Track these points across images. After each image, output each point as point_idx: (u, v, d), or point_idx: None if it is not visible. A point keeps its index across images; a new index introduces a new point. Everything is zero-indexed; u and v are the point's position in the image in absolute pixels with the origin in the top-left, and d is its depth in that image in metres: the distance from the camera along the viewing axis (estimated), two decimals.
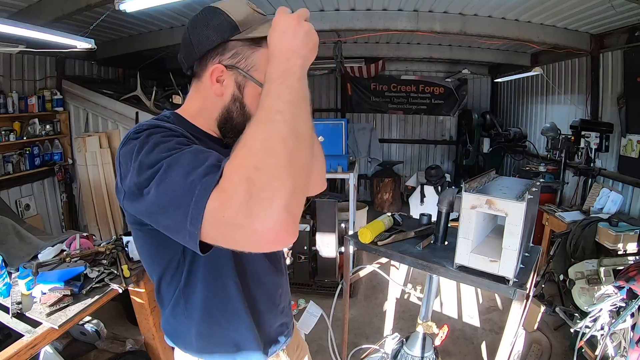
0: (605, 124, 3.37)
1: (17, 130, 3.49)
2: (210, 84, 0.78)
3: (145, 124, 0.70)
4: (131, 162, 0.63)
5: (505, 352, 1.34)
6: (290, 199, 0.51)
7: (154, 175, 0.58)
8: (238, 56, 0.77)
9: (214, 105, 0.81)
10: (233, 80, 0.78)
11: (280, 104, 0.58)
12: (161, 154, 0.60)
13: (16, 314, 1.45)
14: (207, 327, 0.87)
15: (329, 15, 3.36)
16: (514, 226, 1.14)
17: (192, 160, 0.58)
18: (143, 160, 0.61)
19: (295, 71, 0.63)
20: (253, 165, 0.52)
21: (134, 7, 2.09)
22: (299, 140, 0.56)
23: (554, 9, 2.95)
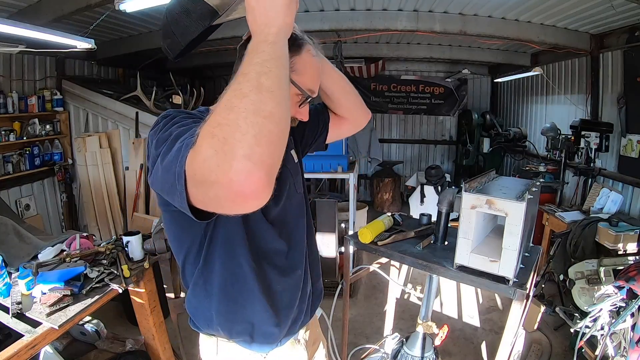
0: (605, 124, 3.37)
1: (17, 130, 3.49)
2: None
3: (174, 110, 0.74)
4: (153, 140, 0.69)
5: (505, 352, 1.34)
6: (253, 149, 0.51)
7: (164, 148, 0.63)
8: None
9: None
10: None
11: (246, 67, 0.59)
12: (174, 129, 0.65)
13: (16, 314, 1.44)
14: (225, 305, 0.90)
15: (329, 15, 3.36)
16: (514, 226, 1.14)
17: (190, 130, 0.62)
18: (160, 136, 0.67)
19: (268, 39, 0.63)
20: (217, 122, 0.54)
21: (134, 7, 2.08)
22: (261, 92, 0.55)
23: (554, 9, 2.95)
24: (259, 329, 0.92)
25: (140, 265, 1.86)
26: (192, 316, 0.97)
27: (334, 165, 3.64)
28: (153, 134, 0.70)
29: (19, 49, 2.59)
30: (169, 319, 2.10)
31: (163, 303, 2.04)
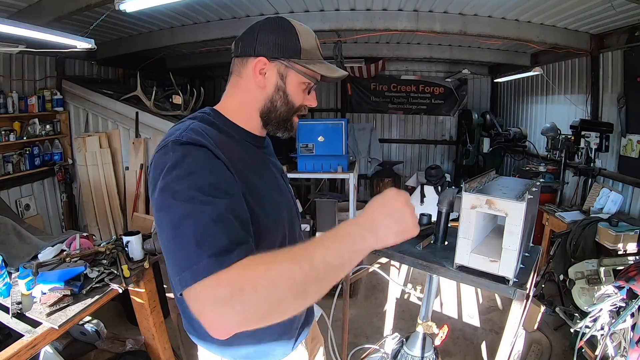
0: (605, 124, 3.37)
1: (17, 130, 3.49)
2: (254, 77, 0.84)
3: (186, 135, 0.72)
4: (160, 175, 0.67)
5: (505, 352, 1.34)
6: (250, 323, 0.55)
7: (171, 211, 0.63)
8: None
9: (255, 98, 0.86)
10: (275, 71, 0.83)
11: (318, 262, 0.58)
12: (186, 192, 0.64)
13: (16, 314, 1.45)
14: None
15: (329, 15, 3.36)
16: (514, 226, 1.14)
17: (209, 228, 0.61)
18: (169, 184, 0.65)
19: (358, 248, 0.62)
20: (253, 285, 0.54)
21: (134, 7, 2.09)
22: (298, 296, 0.57)
23: (554, 9, 2.95)
24: (266, 341, 0.93)
25: (140, 265, 1.86)
26: (195, 335, 0.95)
27: (334, 165, 3.64)
28: (160, 164, 0.69)
29: (19, 49, 2.59)
30: (169, 319, 2.10)
31: (163, 303, 2.05)
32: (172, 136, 0.73)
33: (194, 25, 3.68)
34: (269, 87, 0.84)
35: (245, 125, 0.88)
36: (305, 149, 3.69)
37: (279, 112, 0.87)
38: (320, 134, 3.66)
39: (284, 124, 0.89)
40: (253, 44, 0.82)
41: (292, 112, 0.88)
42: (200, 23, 3.65)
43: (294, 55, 0.82)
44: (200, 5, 3.11)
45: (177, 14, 3.38)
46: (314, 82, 0.87)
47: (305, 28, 0.85)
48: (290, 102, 0.86)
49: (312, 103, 0.91)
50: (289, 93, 0.85)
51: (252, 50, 0.83)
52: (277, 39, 0.81)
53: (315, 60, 0.86)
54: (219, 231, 0.61)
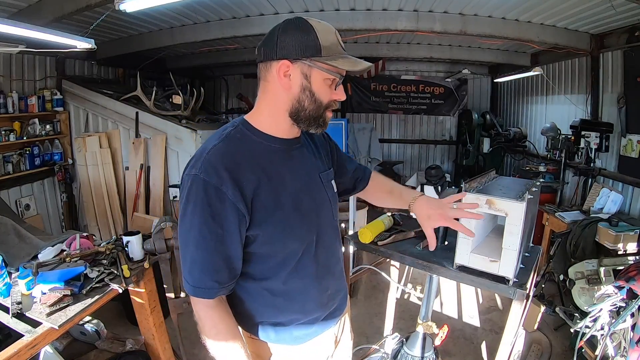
0: (605, 124, 3.37)
1: (17, 130, 3.48)
2: (279, 79, 0.87)
3: (203, 170, 0.84)
4: (182, 197, 0.88)
5: (505, 352, 1.34)
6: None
7: (182, 233, 0.89)
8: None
9: (283, 100, 0.90)
10: (299, 71, 0.86)
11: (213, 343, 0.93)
12: (192, 229, 0.86)
13: (16, 314, 1.44)
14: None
15: (329, 15, 3.35)
16: (514, 226, 1.14)
17: (197, 266, 0.87)
18: (185, 214, 0.86)
19: None
20: (204, 329, 0.92)
21: (134, 7, 2.08)
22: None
23: (554, 9, 2.95)
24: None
25: (140, 265, 1.86)
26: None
27: None
28: (181, 190, 0.90)
29: (19, 49, 2.59)
30: (169, 319, 2.10)
31: (163, 303, 2.04)
32: (196, 167, 0.85)
33: (194, 25, 3.68)
34: (295, 87, 0.88)
35: (274, 132, 0.93)
36: None
37: (307, 110, 0.90)
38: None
39: (315, 120, 0.93)
40: (274, 48, 0.85)
41: (322, 109, 0.92)
42: (200, 23, 3.65)
43: (315, 54, 0.84)
44: (200, 5, 3.11)
45: (177, 14, 3.38)
46: (338, 77, 0.90)
47: (324, 25, 0.87)
48: (317, 99, 0.89)
49: (341, 97, 0.94)
50: (315, 91, 0.88)
51: (274, 54, 0.86)
52: (297, 40, 0.84)
53: (337, 55, 0.87)
54: (201, 271, 0.87)
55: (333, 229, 1.08)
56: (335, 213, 1.10)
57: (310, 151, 1.05)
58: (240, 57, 5.12)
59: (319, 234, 1.00)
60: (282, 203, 0.91)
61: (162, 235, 1.93)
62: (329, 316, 1.09)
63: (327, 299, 1.06)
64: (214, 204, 0.83)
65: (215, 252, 0.85)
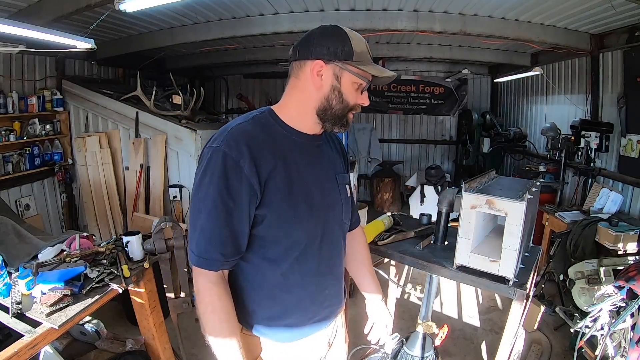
0: (605, 124, 3.37)
1: (17, 130, 3.48)
2: (312, 78, 0.93)
3: (225, 142, 0.88)
4: (200, 170, 0.90)
5: (505, 352, 1.34)
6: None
7: (195, 203, 0.91)
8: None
9: (312, 97, 0.95)
10: (331, 72, 0.92)
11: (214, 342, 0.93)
12: (205, 199, 0.88)
13: (16, 314, 1.44)
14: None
15: (329, 15, 3.35)
16: (514, 226, 1.14)
17: (206, 237, 0.90)
18: (201, 185, 0.89)
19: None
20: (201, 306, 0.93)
21: (134, 7, 2.08)
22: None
23: (554, 8, 2.95)
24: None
25: (140, 265, 1.86)
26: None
27: None
28: (199, 161, 0.93)
29: (19, 49, 2.59)
30: (169, 319, 2.09)
31: (163, 303, 2.04)
32: (219, 139, 0.89)
33: (194, 25, 3.68)
34: (325, 87, 0.93)
35: (298, 125, 0.98)
36: None
37: (334, 110, 0.95)
38: None
39: (340, 120, 0.98)
40: (310, 48, 0.92)
41: (347, 110, 0.97)
42: (200, 23, 3.65)
43: (347, 58, 0.91)
44: (200, 5, 3.11)
45: (177, 14, 3.38)
46: (365, 82, 0.95)
47: (357, 34, 0.94)
48: (345, 100, 0.95)
49: (365, 102, 1.00)
50: (344, 92, 0.94)
51: (309, 54, 0.92)
52: (332, 43, 0.90)
53: (366, 62, 0.94)
54: (209, 242, 0.89)
55: (341, 230, 1.10)
56: (346, 215, 1.12)
57: (330, 151, 1.10)
58: (240, 57, 5.12)
59: (325, 231, 1.01)
60: (294, 191, 0.94)
61: (162, 235, 1.93)
62: (324, 317, 1.09)
63: (323, 298, 1.07)
64: (230, 177, 0.86)
65: (225, 224, 0.88)
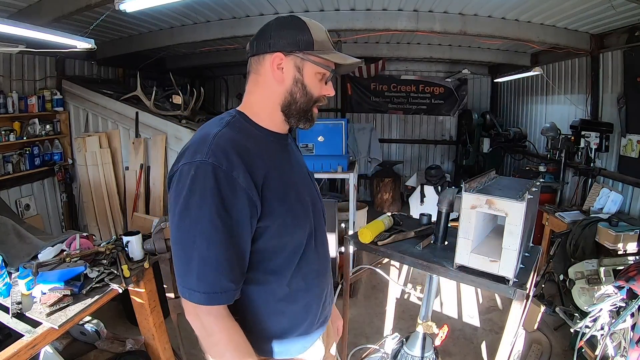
0: (605, 124, 3.37)
1: (17, 130, 3.48)
2: (272, 72, 0.88)
3: (212, 155, 0.78)
4: (184, 190, 0.78)
5: (505, 352, 1.34)
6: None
7: (183, 232, 0.79)
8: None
9: (275, 93, 0.90)
10: (292, 64, 0.88)
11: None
12: (200, 222, 0.77)
13: (16, 314, 1.45)
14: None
15: (329, 15, 3.35)
16: (514, 226, 1.14)
17: (208, 268, 0.78)
18: (189, 207, 0.77)
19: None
20: (211, 344, 0.86)
21: (134, 7, 2.08)
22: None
23: (554, 9, 2.95)
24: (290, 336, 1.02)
25: (140, 265, 1.86)
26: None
27: (334, 165, 3.64)
28: (177, 183, 0.80)
29: (19, 49, 2.59)
30: (169, 319, 2.10)
31: (163, 303, 2.04)
32: (201, 152, 0.78)
33: (194, 25, 3.68)
34: (287, 80, 0.89)
35: (269, 125, 0.93)
36: (305, 149, 3.69)
37: (298, 103, 0.91)
38: (320, 134, 3.66)
39: (305, 114, 0.94)
40: (268, 41, 0.87)
41: (312, 102, 0.93)
42: (200, 23, 3.65)
43: (308, 48, 0.87)
44: (200, 5, 3.11)
45: (177, 14, 3.38)
46: (329, 71, 0.92)
47: (316, 22, 0.90)
48: (309, 92, 0.91)
49: (330, 92, 0.96)
50: (307, 84, 0.90)
51: (267, 47, 0.87)
52: (291, 34, 0.86)
53: (328, 50, 0.90)
54: (215, 272, 0.78)
55: (324, 225, 1.08)
56: (324, 209, 1.10)
57: (296, 149, 1.08)
58: (240, 57, 5.10)
59: (316, 228, 0.99)
60: (288, 194, 0.90)
61: (162, 235, 1.93)
62: (325, 317, 1.08)
63: (325, 297, 1.06)
64: (225, 192, 0.76)
65: (230, 246, 0.78)
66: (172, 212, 0.80)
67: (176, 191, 0.79)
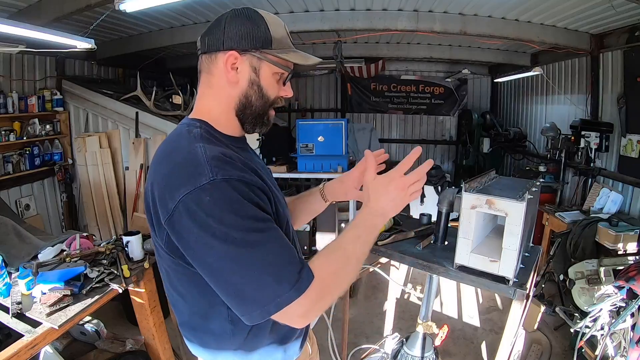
0: (605, 124, 3.37)
1: (17, 130, 3.49)
2: (226, 72, 0.80)
3: (219, 172, 0.68)
4: (197, 231, 0.67)
5: (505, 352, 1.34)
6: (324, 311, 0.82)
7: (230, 250, 0.67)
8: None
9: (229, 95, 0.83)
10: (248, 64, 0.80)
11: (359, 252, 0.80)
12: (243, 230, 0.68)
13: (16, 314, 1.45)
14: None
15: (329, 15, 3.35)
16: (514, 226, 1.14)
17: (279, 261, 0.70)
18: (221, 240, 0.67)
19: (379, 227, 0.82)
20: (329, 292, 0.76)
21: (134, 7, 2.08)
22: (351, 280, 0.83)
23: (554, 9, 2.95)
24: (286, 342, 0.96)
25: (140, 265, 1.86)
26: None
27: (334, 165, 3.64)
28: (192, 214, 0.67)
29: (19, 49, 2.59)
30: (169, 319, 2.10)
31: (163, 303, 2.04)
32: (201, 174, 0.68)
33: (194, 25, 3.68)
34: (242, 82, 0.81)
35: (230, 131, 0.85)
36: (305, 149, 3.69)
37: (254, 107, 0.83)
38: (320, 134, 3.66)
39: (260, 119, 0.86)
40: (221, 37, 0.78)
41: (268, 105, 0.85)
42: (200, 23, 3.65)
43: (265, 46, 0.79)
44: (200, 5, 3.11)
45: (177, 14, 3.38)
46: (287, 72, 0.84)
47: (274, 16, 0.82)
48: (265, 95, 0.83)
49: (288, 94, 0.88)
50: (264, 86, 0.82)
51: (220, 45, 0.79)
52: (246, 29, 0.78)
53: (288, 49, 0.82)
54: (287, 261, 0.71)
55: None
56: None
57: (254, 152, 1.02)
58: None
59: (293, 229, 0.99)
60: (277, 197, 0.86)
61: None
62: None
63: None
64: (250, 196, 0.70)
65: (281, 237, 0.73)
66: (207, 246, 0.68)
67: (196, 227, 0.67)
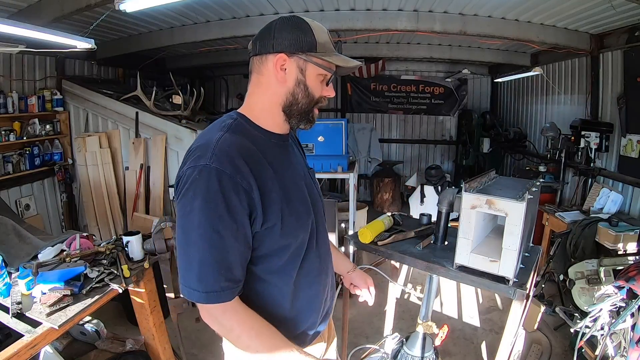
0: (605, 124, 3.37)
1: (17, 130, 3.48)
2: (275, 73, 0.89)
3: (216, 159, 0.79)
4: (188, 192, 0.80)
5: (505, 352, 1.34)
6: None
7: (187, 233, 0.80)
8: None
9: (277, 93, 0.91)
10: (295, 65, 0.89)
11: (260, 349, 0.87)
12: (202, 225, 0.78)
13: (16, 314, 1.45)
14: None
15: (329, 15, 3.35)
16: (514, 226, 1.14)
17: (209, 268, 0.80)
18: (193, 210, 0.79)
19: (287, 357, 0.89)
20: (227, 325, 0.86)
21: (134, 7, 2.08)
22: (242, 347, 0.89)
23: (554, 8, 2.95)
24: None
25: (140, 265, 1.86)
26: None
27: (334, 165, 3.64)
28: (183, 190, 0.81)
29: (19, 49, 2.59)
30: (169, 319, 2.09)
31: (163, 303, 2.04)
32: (204, 157, 0.80)
33: (194, 25, 3.68)
34: (290, 81, 0.90)
35: (270, 126, 0.94)
36: (305, 148, 3.68)
37: (300, 104, 0.92)
38: (320, 134, 3.66)
39: (306, 115, 0.95)
40: (271, 41, 0.87)
41: (313, 103, 0.94)
42: (200, 23, 3.65)
43: (310, 49, 0.88)
44: (200, 5, 3.11)
45: (177, 14, 3.38)
46: (330, 73, 0.93)
47: (318, 24, 0.91)
48: (310, 94, 0.92)
49: (331, 94, 0.97)
50: (309, 85, 0.91)
51: (270, 48, 0.87)
52: (294, 35, 0.87)
53: (330, 52, 0.92)
54: (219, 272, 0.80)
55: (324, 223, 1.09)
56: (324, 209, 1.10)
57: (296, 148, 1.09)
58: (240, 57, 5.12)
59: (318, 227, 1.00)
60: (291, 194, 0.91)
61: (162, 235, 1.93)
62: (327, 315, 1.10)
63: (326, 294, 1.07)
64: (228, 195, 0.78)
65: (231, 249, 0.81)
66: (177, 213, 0.83)
67: (180, 193, 0.81)
